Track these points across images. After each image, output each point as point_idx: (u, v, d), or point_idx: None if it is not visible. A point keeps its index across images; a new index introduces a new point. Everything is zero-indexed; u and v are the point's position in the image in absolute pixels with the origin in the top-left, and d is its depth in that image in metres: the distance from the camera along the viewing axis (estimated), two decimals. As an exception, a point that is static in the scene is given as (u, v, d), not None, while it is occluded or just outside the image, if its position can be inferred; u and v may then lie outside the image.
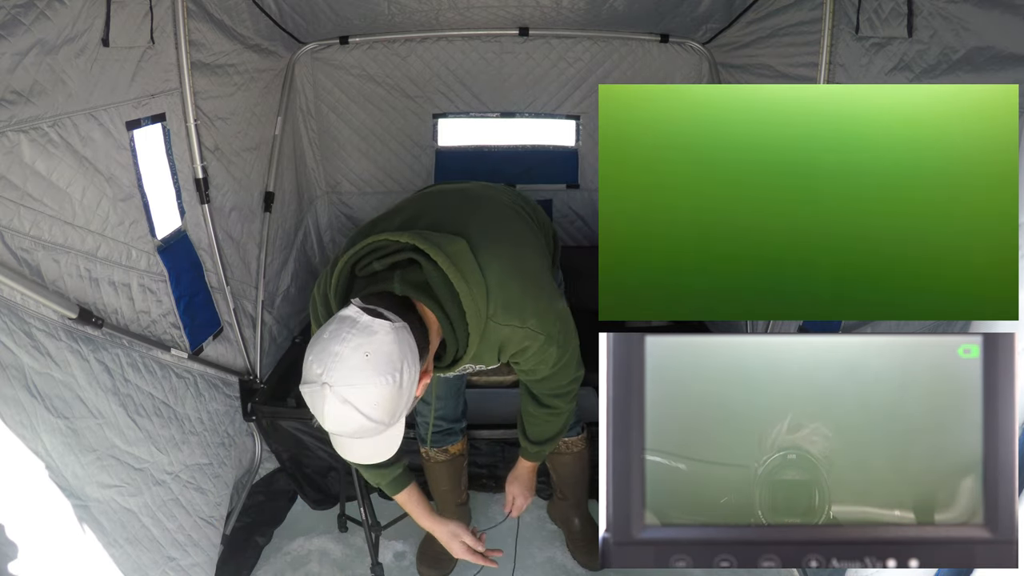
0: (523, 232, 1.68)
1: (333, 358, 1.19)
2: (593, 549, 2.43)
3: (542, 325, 1.53)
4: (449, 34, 3.26)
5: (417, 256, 1.38)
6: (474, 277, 1.40)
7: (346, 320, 1.23)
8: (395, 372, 1.21)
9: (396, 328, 1.24)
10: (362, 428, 1.23)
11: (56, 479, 1.54)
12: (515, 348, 1.56)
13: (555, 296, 1.60)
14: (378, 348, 1.20)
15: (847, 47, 2.15)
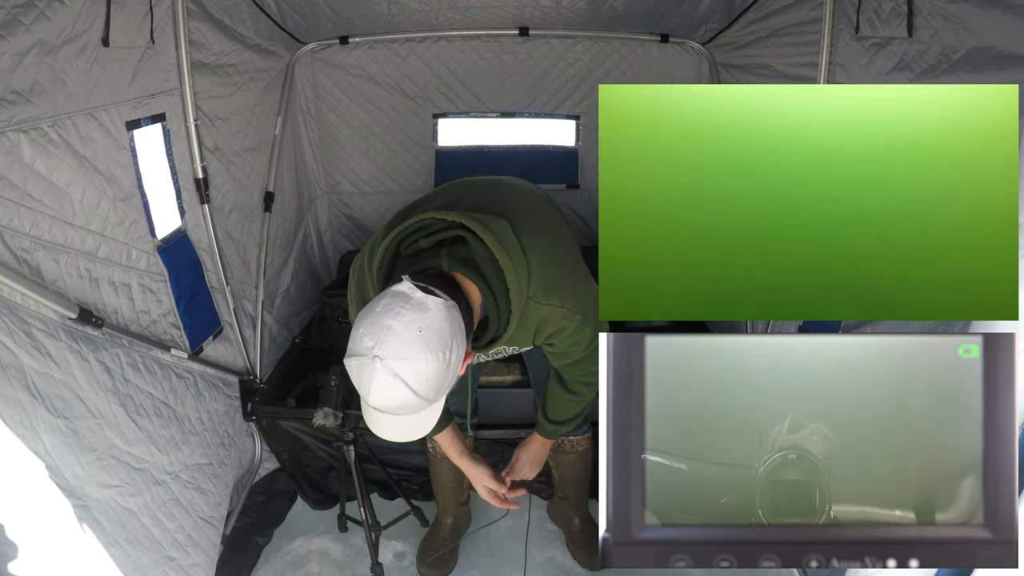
0: (557, 220, 1.74)
1: (386, 331, 1.20)
2: (593, 549, 2.43)
3: (579, 305, 1.56)
4: (449, 34, 3.26)
5: (464, 233, 1.40)
6: (517, 256, 1.43)
7: (399, 295, 1.24)
8: (446, 349, 1.23)
9: (448, 306, 1.27)
10: (407, 403, 1.24)
11: (56, 479, 1.54)
12: (552, 328, 1.57)
13: (589, 278, 1.65)
14: (431, 324, 1.22)
15: (847, 47, 2.15)
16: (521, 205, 1.63)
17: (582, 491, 2.45)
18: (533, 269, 1.47)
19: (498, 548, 2.51)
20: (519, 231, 1.48)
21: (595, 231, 3.58)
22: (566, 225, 1.79)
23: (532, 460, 2.04)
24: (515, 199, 1.65)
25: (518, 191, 1.74)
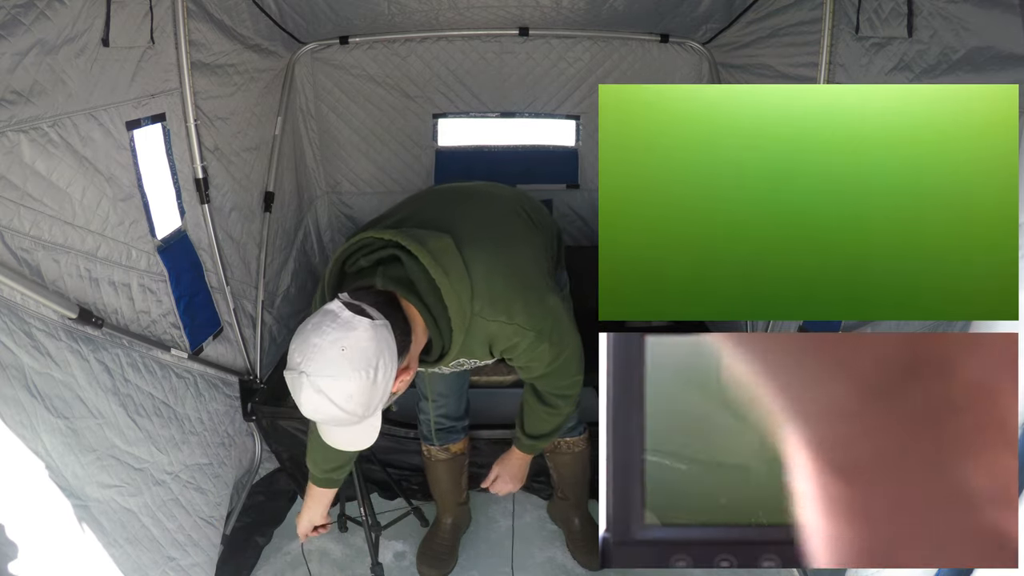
0: (517, 230, 1.69)
1: (312, 349, 1.24)
2: (593, 549, 2.43)
3: (531, 321, 1.54)
4: (449, 34, 3.26)
5: (399, 252, 1.42)
6: (457, 273, 1.43)
7: (328, 314, 1.28)
8: (370, 368, 1.25)
9: (376, 326, 1.28)
10: (335, 418, 1.28)
11: (56, 479, 1.54)
12: (505, 344, 1.58)
13: (546, 293, 1.60)
14: (355, 343, 1.24)
15: (847, 47, 2.15)
16: (474, 216, 1.61)
17: (581, 491, 2.45)
18: (477, 285, 1.47)
19: (498, 548, 2.51)
20: (464, 245, 1.47)
21: (595, 231, 3.58)
22: (532, 234, 1.74)
23: (512, 475, 2.03)
24: (469, 211, 1.63)
25: (477, 201, 1.72)
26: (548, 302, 1.59)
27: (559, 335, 1.61)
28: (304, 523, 1.95)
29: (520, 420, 1.91)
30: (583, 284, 2.01)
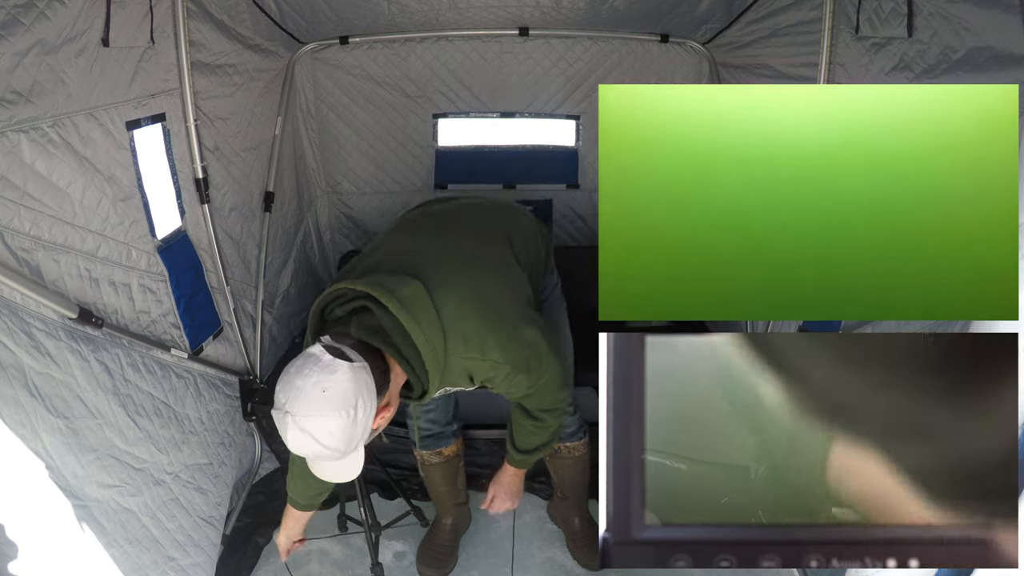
0: (489, 259, 1.73)
1: (295, 391, 1.34)
2: (593, 549, 2.43)
3: (505, 356, 1.60)
4: (449, 34, 3.25)
5: (370, 303, 1.48)
6: (427, 317, 1.50)
7: (311, 358, 1.37)
8: (349, 408, 1.34)
9: (354, 368, 1.36)
10: (319, 454, 1.37)
11: (56, 479, 1.54)
12: (483, 376, 1.65)
13: (522, 324, 1.63)
14: (335, 385, 1.33)
15: (847, 47, 2.15)
16: (446, 254, 1.65)
17: (581, 492, 2.45)
18: (449, 327, 1.53)
19: (498, 548, 2.51)
20: (434, 288, 1.53)
21: (595, 231, 3.58)
22: (505, 267, 1.75)
23: (509, 493, 2.05)
24: (446, 247, 1.68)
25: (449, 234, 1.76)
26: (523, 335, 1.62)
27: (537, 362, 1.66)
28: (283, 541, 1.99)
29: (510, 436, 1.94)
30: (583, 284, 2.02)
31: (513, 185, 3.55)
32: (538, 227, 2.04)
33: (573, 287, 2.33)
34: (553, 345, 1.70)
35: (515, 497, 2.07)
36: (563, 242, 3.64)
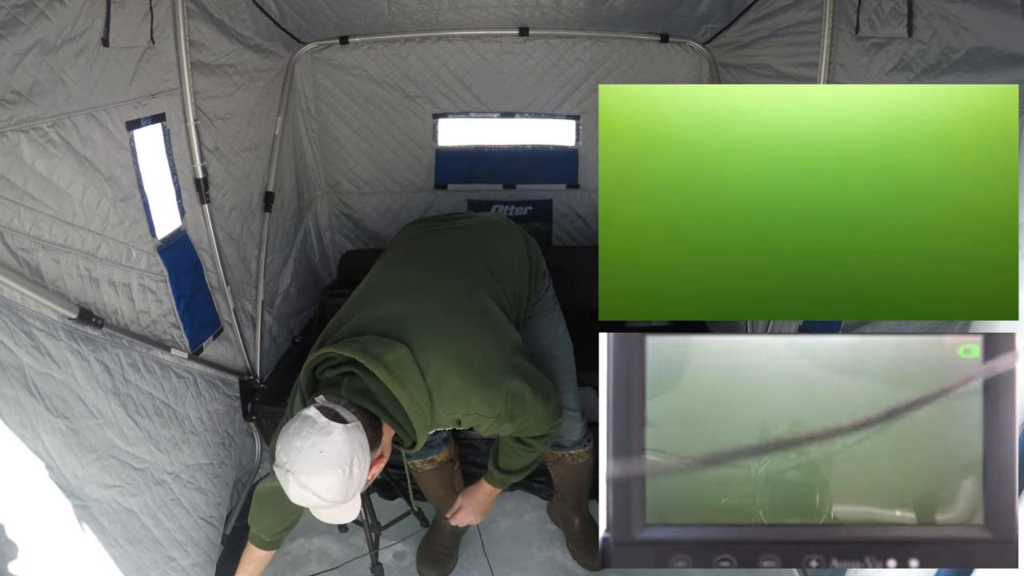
0: (472, 314, 1.77)
1: (295, 452, 1.44)
2: (593, 549, 2.43)
3: (490, 408, 1.69)
4: (449, 34, 3.25)
5: (357, 369, 1.58)
6: (413, 380, 1.59)
7: (307, 420, 1.48)
8: (345, 466, 1.45)
9: (348, 428, 1.48)
10: (318, 505, 1.49)
11: (56, 479, 1.54)
12: (469, 423, 1.76)
13: (505, 377, 1.69)
14: (331, 446, 1.44)
15: (847, 47, 2.15)
16: (432, 310, 1.71)
17: (582, 495, 2.45)
18: (434, 389, 1.62)
19: (498, 548, 2.51)
20: (418, 349, 1.61)
21: (595, 231, 3.58)
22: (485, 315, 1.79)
23: (477, 508, 2.08)
24: (429, 301, 1.73)
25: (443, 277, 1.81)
26: (507, 387, 1.69)
27: (521, 409, 1.74)
28: None
29: (494, 454, 1.97)
30: (583, 284, 2.02)
31: (513, 185, 3.55)
32: (524, 240, 2.09)
33: (573, 287, 2.34)
34: (539, 389, 1.76)
35: (481, 515, 2.10)
36: (563, 242, 3.64)
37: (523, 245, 2.07)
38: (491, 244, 2.01)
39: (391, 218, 3.62)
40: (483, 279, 1.87)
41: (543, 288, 2.15)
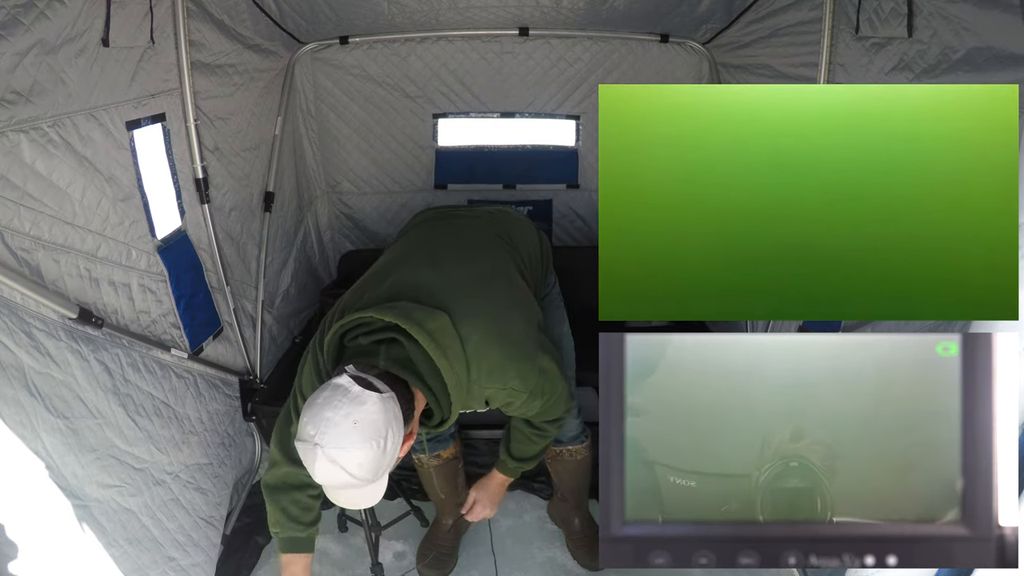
0: (505, 288, 1.75)
1: (325, 423, 1.31)
2: (593, 549, 2.43)
3: (524, 384, 1.64)
4: (449, 34, 3.25)
5: (399, 335, 1.48)
6: (454, 351, 1.52)
7: (339, 388, 1.36)
8: (380, 439, 1.34)
9: (384, 399, 1.36)
10: (346, 483, 1.36)
11: (56, 479, 1.54)
12: (500, 403, 1.70)
13: (538, 353, 1.68)
14: (366, 417, 1.33)
15: (847, 47, 2.15)
16: (468, 281, 1.66)
17: (582, 494, 2.45)
18: (472, 360, 1.55)
19: (498, 548, 2.51)
20: (459, 320, 1.54)
21: (595, 231, 3.58)
22: (518, 292, 1.77)
23: (491, 500, 2.08)
24: (464, 273, 1.68)
25: (466, 263, 1.75)
26: (540, 363, 1.67)
27: (550, 387, 1.71)
28: None
29: (506, 442, 1.96)
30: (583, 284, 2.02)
31: (513, 185, 3.55)
32: (536, 232, 2.08)
33: (573, 287, 2.34)
34: (561, 367, 1.75)
35: (495, 507, 2.10)
36: (563, 242, 3.64)
37: (536, 235, 2.07)
38: (510, 228, 2.00)
39: (391, 218, 3.62)
40: (510, 257, 1.85)
41: (550, 283, 2.17)
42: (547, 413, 1.79)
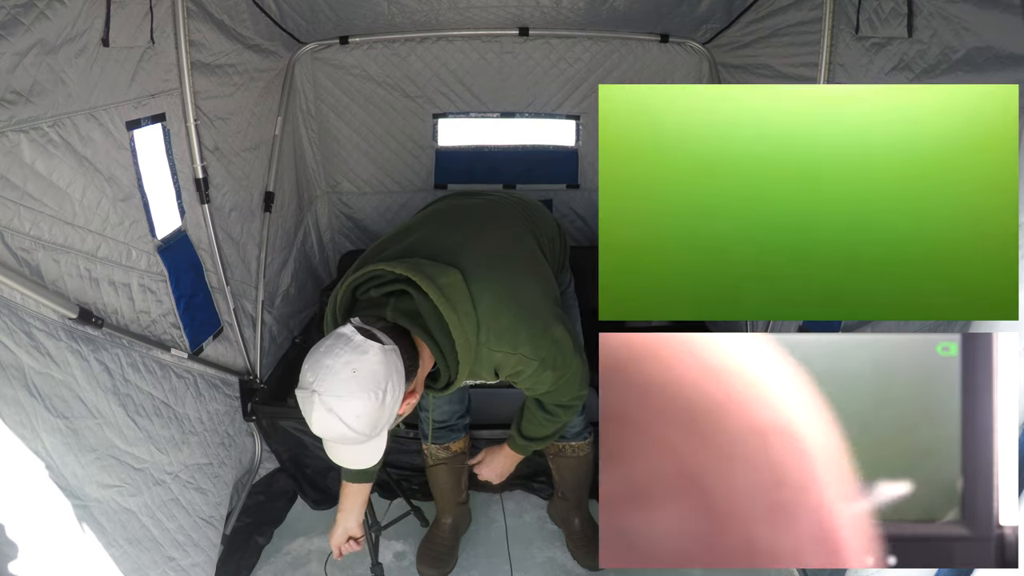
0: (523, 258, 1.73)
1: (324, 370, 1.30)
2: (593, 549, 2.43)
3: (535, 351, 1.60)
4: (449, 34, 3.26)
5: (409, 288, 1.46)
6: (464, 308, 1.49)
7: (341, 337, 1.34)
8: (379, 390, 1.31)
9: (386, 350, 1.34)
10: (343, 436, 1.34)
11: (56, 479, 1.54)
12: (509, 371, 1.65)
13: (552, 322, 1.64)
14: (365, 366, 1.31)
15: (847, 47, 2.15)
16: (483, 248, 1.64)
17: (582, 493, 2.45)
18: (483, 319, 1.52)
19: (498, 548, 2.51)
20: (472, 279, 1.52)
21: (595, 231, 3.58)
22: (538, 259, 1.77)
23: (496, 468, 2.07)
24: (478, 243, 1.66)
25: (485, 229, 1.74)
26: (553, 333, 1.63)
27: (563, 360, 1.66)
28: (338, 535, 1.93)
29: (518, 420, 1.94)
30: (583, 284, 2.02)
31: (513, 185, 3.55)
32: (557, 224, 2.07)
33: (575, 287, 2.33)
34: (577, 344, 1.71)
35: (501, 475, 2.09)
36: (563, 242, 3.65)
37: (556, 225, 2.05)
38: (532, 210, 1.99)
39: (391, 218, 3.62)
40: (530, 239, 1.83)
41: (565, 281, 2.13)
42: (560, 393, 1.74)
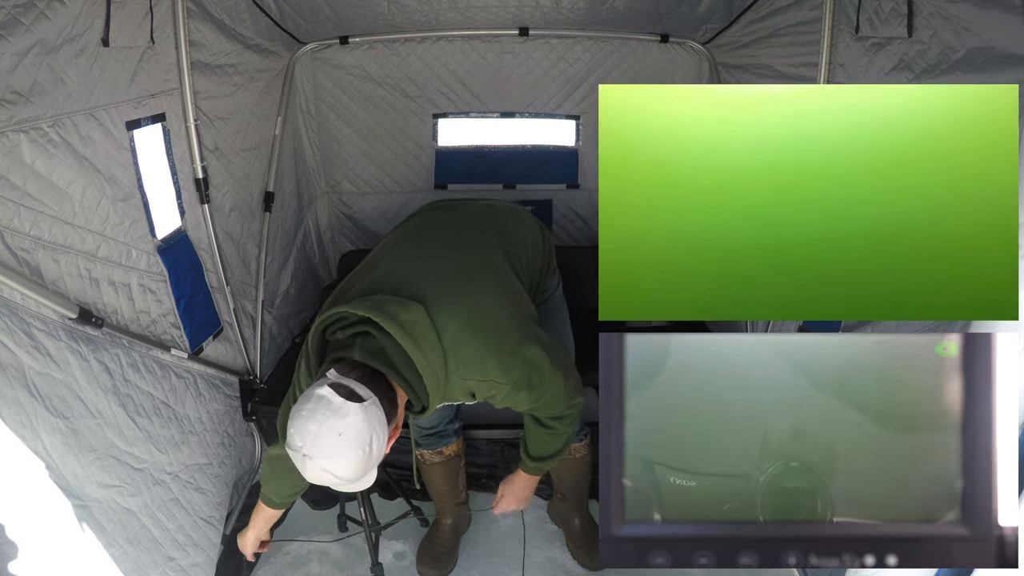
0: (489, 277, 1.73)
1: (311, 436, 1.36)
2: (593, 549, 2.43)
3: (505, 375, 1.61)
4: (449, 34, 3.25)
5: (372, 329, 1.50)
6: (429, 342, 1.52)
7: (322, 401, 1.38)
8: (365, 446, 1.38)
9: (366, 407, 1.39)
10: (337, 483, 1.42)
11: (56, 479, 1.54)
12: (483, 395, 1.68)
13: (522, 343, 1.63)
14: (350, 429, 1.37)
15: (847, 47, 2.15)
16: (447, 275, 1.65)
17: (582, 494, 2.45)
18: (449, 351, 1.55)
19: (498, 548, 2.52)
20: (435, 311, 1.54)
21: (595, 231, 3.58)
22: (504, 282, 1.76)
23: (517, 496, 2.07)
24: (442, 270, 1.67)
25: (451, 253, 1.75)
26: (524, 354, 1.63)
27: (539, 379, 1.66)
28: (251, 540, 2.02)
29: (524, 443, 1.95)
30: (583, 284, 2.02)
31: (513, 185, 3.55)
32: (540, 228, 2.07)
33: (573, 287, 2.33)
34: (557, 360, 1.70)
35: (524, 502, 2.09)
36: (563, 242, 3.64)
37: (538, 231, 2.05)
38: (508, 221, 1.99)
39: (391, 218, 3.62)
40: (501, 247, 1.84)
41: (552, 285, 2.13)
42: (546, 408, 1.76)
